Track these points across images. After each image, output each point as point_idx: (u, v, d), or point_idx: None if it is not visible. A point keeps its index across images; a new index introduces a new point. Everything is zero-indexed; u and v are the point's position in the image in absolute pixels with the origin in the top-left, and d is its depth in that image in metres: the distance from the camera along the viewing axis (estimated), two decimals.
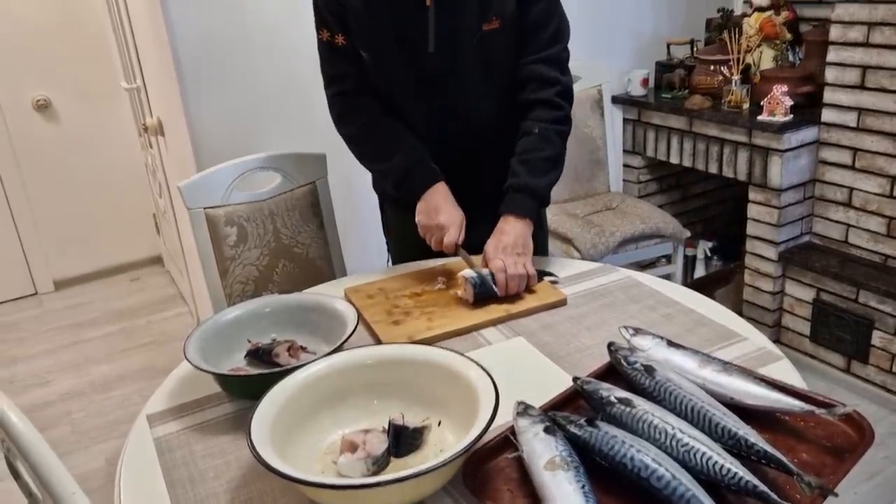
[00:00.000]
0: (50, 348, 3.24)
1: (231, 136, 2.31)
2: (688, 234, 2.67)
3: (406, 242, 1.68)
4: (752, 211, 2.56)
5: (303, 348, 1.29)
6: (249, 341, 1.31)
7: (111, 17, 3.32)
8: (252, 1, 2.25)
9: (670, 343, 1.15)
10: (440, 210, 1.49)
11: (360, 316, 1.35)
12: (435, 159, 1.55)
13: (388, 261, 1.81)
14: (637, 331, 1.19)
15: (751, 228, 2.59)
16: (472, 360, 1.07)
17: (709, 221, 3.26)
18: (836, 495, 0.86)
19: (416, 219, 1.52)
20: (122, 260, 3.98)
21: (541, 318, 1.39)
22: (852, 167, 2.37)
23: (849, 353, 2.41)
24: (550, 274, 1.50)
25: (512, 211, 1.49)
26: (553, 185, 1.54)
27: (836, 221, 2.47)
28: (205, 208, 1.77)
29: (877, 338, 2.31)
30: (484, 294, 1.40)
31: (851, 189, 2.39)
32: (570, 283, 1.51)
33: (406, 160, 1.53)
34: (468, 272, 1.41)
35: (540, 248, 1.67)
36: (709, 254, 3.11)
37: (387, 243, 1.81)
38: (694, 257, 3.13)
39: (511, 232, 1.46)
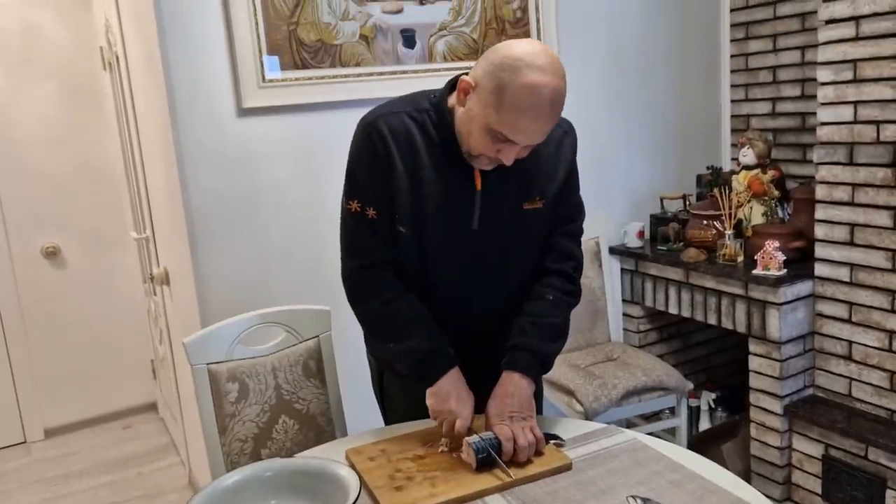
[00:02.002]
0: (35, 502, 3.12)
1: (237, 289, 2.35)
2: (691, 386, 2.66)
3: (404, 410, 1.66)
4: (754, 363, 2.56)
5: None
6: None
7: (126, 170, 3.47)
8: (262, 159, 2.36)
9: None
10: (451, 395, 1.47)
11: (361, 481, 1.32)
12: (455, 322, 1.56)
13: (384, 419, 1.79)
14: (645, 501, 1.17)
15: (754, 381, 2.58)
16: None
17: (710, 371, 3.25)
18: None
19: (427, 402, 1.49)
20: (115, 407, 3.92)
21: (546, 483, 1.36)
22: (849, 321, 2.40)
23: None
24: (556, 437, 1.48)
25: (518, 369, 1.49)
26: (557, 354, 1.56)
27: (839, 375, 2.46)
28: (208, 364, 1.77)
29: (891, 498, 2.24)
30: (487, 461, 1.37)
31: (850, 342, 2.41)
32: (575, 444, 1.48)
33: (423, 346, 1.50)
34: (472, 437, 1.39)
35: (539, 397, 1.69)
36: (712, 405, 3.07)
37: (382, 409, 1.78)
38: (697, 408, 3.08)
39: (516, 393, 1.46)
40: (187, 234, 2.29)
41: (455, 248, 1.51)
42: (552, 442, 1.46)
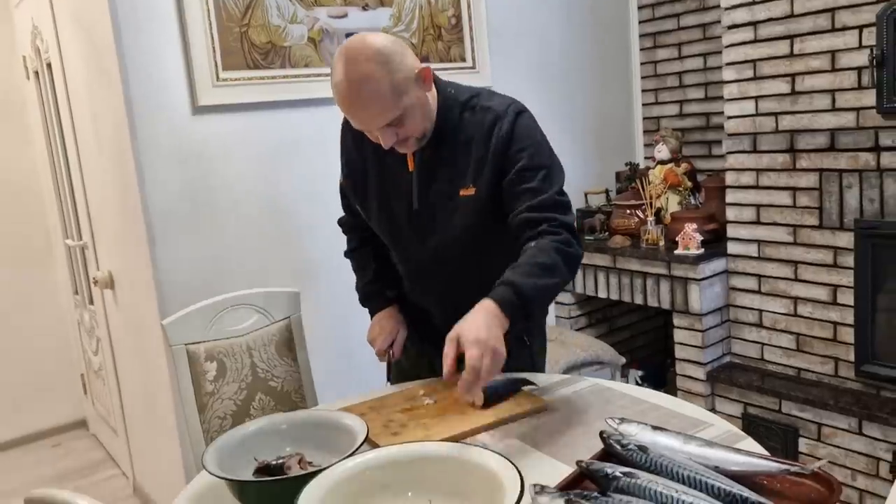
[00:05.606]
0: None
1: (195, 284, 2.38)
2: (623, 360, 2.89)
3: (409, 362, 1.84)
4: (679, 335, 2.82)
5: (309, 463, 1.35)
6: (256, 459, 1.36)
7: (55, 179, 3.41)
8: (217, 156, 2.42)
9: (654, 427, 1.30)
10: (375, 325, 1.80)
11: None
12: (421, 291, 1.75)
13: (387, 379, 1.89)
14: (622, 420, 1.34)
15: (679, 352, 2.83)
16: (490, 450, 1.18)
17: (634, 352, 3.50)
18: None
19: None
20: (42, 426, 3.80)
21: (526, 422, 1.51)
22: (759, 292, 2.69)
23: None
24: (531, 382, 1.64)
25: (490, 296, 1.40)
26: (542, 290, 1.45)
27: (752, 341, 2.75)
28: (186, 344, 1.83)
29: (803, 444, 2.53)
30: (493, 397, 1.53)
31: (761, 311, 2.70)
32: (546, 391, 1.65)
33: (363, 289, 1.85)
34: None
35: (535, 363, 1.82)
36: (639, 381, 3.32)
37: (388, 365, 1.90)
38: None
39: (483, 319, 1.36)
40: (146, 232, 2.32)
41: (402, 227, 1.67)
42: (527, 388, 1.62)
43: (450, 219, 1.62)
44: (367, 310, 1.86)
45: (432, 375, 1.73)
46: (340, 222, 1.90)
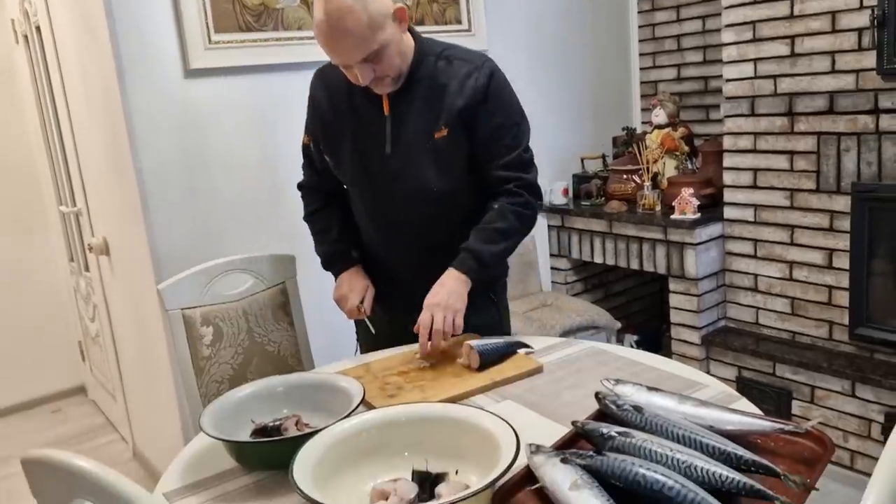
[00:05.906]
0: None
1: (189, 250, 2.37)
2: (619, 325, 2.90)
3: (380, 333, 1.81)
4: (674, 300, 2.82)
5: (306, 425, 1.36)
6: (253, 422, 1.37)
7: (48, 145, 3.38)
8: (210, 120, 2.40)
9: (650, 388, 1.31)
10: (343, 283, 1.78)
11: None
12: (389, 244, 1.75)
13: (356, 349, 1.90)
14: (618, 381, 1.34)
15: (674, 316, 2.84)
16: (486, 410, 1.18)
17: (630, 317, 3.51)
18: (818, 490, 1.02)
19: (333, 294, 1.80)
20: (41, 392, 3.82)
21: (522, 384, 1.52)
22: (755, 256, 2.70)
23: None
24: (526, 345, 1.65)
25: (455, 265, 1.63)
26: (500, 255, 1.67)
27: (747, 305, 2.76)
28: (182, 309, 1.83)
29: (796, 406, 2.55)
30: (489, 360, 1.55)
31: (756, 275, 2.70)
32: (542, 354, 1.65)
33: (328, 250, 1.83)
34: (474, 342, 1.56)
35: (503, 326, 1.85)
36: (634, 346, 3.33)
37: (357, 332, 1.91)
38: None
39: (447, 284, 1.60)
40: (139, 197, 2.30)
41: (373, 172, 1.68)
42: (523, 350, 1.63)
43: (421, 163, 1.65)
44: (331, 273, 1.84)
45: (404, 343, 1.73)
46: (300, 185, 1.88)
